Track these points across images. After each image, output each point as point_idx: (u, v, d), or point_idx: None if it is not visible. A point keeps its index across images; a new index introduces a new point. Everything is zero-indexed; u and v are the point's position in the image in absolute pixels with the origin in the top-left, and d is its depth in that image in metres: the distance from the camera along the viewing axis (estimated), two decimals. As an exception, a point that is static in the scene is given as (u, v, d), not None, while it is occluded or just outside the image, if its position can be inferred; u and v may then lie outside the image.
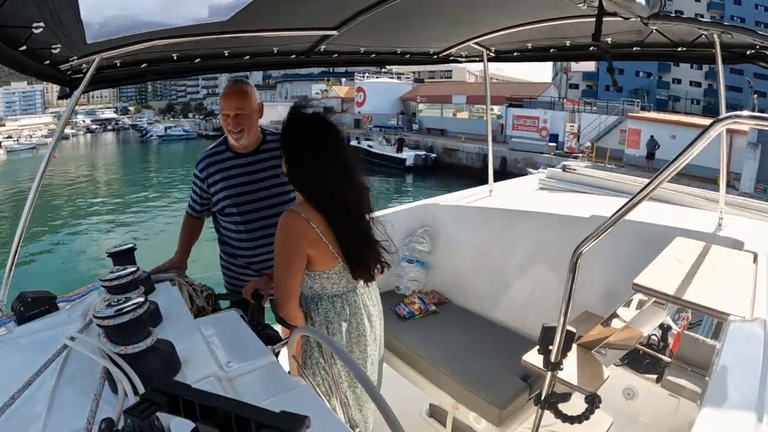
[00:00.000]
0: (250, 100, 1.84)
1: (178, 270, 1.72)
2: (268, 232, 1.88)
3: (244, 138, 1.84)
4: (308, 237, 1.37)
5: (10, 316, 1.24)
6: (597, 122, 20.91)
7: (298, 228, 1.36)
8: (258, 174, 1.88)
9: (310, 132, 1.39)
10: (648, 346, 2.27)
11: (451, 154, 23.44)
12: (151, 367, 0.88)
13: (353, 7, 1.72)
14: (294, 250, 1.38)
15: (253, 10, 1.44)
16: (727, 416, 0.84)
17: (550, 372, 1.17)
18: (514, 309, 2.29)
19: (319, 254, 1.40)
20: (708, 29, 1.76)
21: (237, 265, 1.99)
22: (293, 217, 1.37)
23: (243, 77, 2.17)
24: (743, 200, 2.57)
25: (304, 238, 1.37)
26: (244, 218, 1.89)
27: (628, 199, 1.02)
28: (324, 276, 1.44)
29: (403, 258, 2.59)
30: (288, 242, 1.38)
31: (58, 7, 1.07)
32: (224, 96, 1.81)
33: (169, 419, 0.70)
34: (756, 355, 1.00)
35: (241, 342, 1.12)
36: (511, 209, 2.52)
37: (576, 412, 1.21)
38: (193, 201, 1.97)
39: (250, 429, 0.49)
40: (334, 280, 1.45)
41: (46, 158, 1.52)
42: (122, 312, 0.83)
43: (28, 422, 0.81)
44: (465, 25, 2.20)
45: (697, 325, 2.41)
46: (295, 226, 1.37)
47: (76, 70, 1.54)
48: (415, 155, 23.08)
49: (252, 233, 1.91)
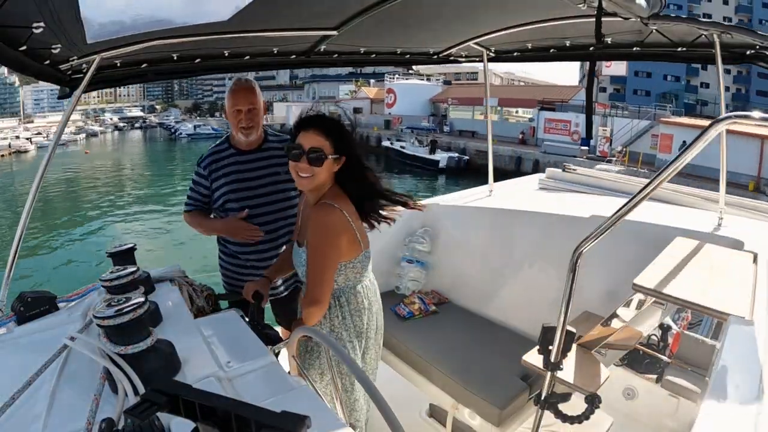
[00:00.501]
0: (259, 96, 1.88)
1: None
2: (266, 229, 1.90)
3: (253, 134, 1.88)
4: (345, 227, 1.41)
5: (10, 316, 1.24)
6: (629, 126, 20.76)
7: (337, 222, 1.40)
8: (260, 171, 1.91)
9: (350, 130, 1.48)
10: (648, 346, 2.27)
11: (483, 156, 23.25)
12: (151, 367, 0.88)
13: (353, 7, 1.72)
14: (334, 244, 1.40)
15: (253, 11, 1.44)
16: (726, 416, 0.84)
17: (549, 372, 1.17)
18: (514, 309, 2.29)
19: (348, 242, 1.44)
20: (708, 29, 1.76)
21: (236, 264, 1.99)
22: (332, 211, 1.40)
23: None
24: (743, 200, 2.57)
25: (345, 229, 1.41)
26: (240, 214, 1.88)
27: (628, 199, 1.02)
28: (350, 266, 1.47)
29: (403, 258, 2.59)
30: (328, 236, 1.40)
31: (58, 7, 1.07)
32: (234, 92, 1.84)
33: (169, 419, 0.71)
34: (756, 355, 1.00)
35: (241, 342, 1.12)
36: (511, 209, 2.52)
37: (576, 412, 1.21)
38: (192, 200, 1.96)
39: (251, 429, 0.49)
40: (358, 269, 1.49)
41: (46, 158, 1.52)
42: (122, 312, 0.83)
43: (28, 422, 0.81)
44: (465, 25, 2.20)
45: (697, 325, 2.42)
46: (334, 219, 1.40)
47: (76, 70, 1.54)
48: (448, 157, 23.09)
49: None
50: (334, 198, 1.42)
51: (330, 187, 1.45)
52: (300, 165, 1.38)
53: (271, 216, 1.92)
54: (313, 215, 1.40)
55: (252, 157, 1.91)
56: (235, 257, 1.98)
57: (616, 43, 2.15)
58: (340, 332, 1.51)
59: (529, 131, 24.81)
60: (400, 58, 2.59)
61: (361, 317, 1.54)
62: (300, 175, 1.39)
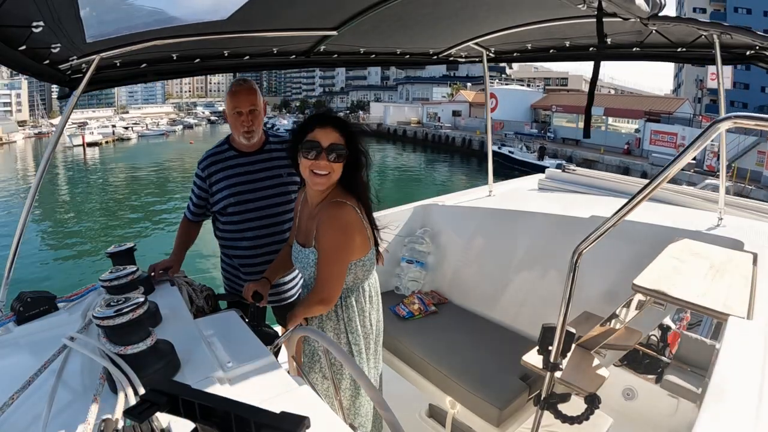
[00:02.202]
0: (259, 96, 1.85)
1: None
2: (266, 232, 1.89)
3: (255, 135, 1.85)
4: (359, 225, 1.41)
5: (10, 316, 1.24)
6: (736, 142, 19.83)
7: (353, 219, 1.39)
8: (261, 173, 1.88)
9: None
10: (648, 346, 2.28)
11: (590, 165, 23.07)
12: (151, 367, 0.88)
13: (353, 8, 1.72)
14: (350, 242, 1.40)
15: (252, 10, 1.44)
16: (726, 416, 0.84)
17: (549, 372, 1.17)
18: (514, 309, 2.29)
19: (361, 240, 1.43)
20: (708, 30, 1.76)
21: (236, 265, 1.98)
22: (347, 209, 1.39)
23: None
24: (743, 200, 2.57)
25: (360, 227, 1.41)
26: (243, 217, 1.87)
27: (628, 199, 1.02)
28: (359, 264, 1.45)
29: (403, 258, 2.59)
30: (346, 234, 1.39)
31: (58, 7, 1.06)
32: (235, 94, 1.80)
33: (169, 419, 0.70)
34: (756, 355, 1.00)
35: (241, 342, 1.12)
36: (511, 209, 2.52)
37: (576, 412, 1.21)
38: (192, 203, 1.95)
39: (250, 429, 0.49)
40: (367, 267, 1.49)
41: (46, 158, 1.51)
42: (122, 312, 0.83)
43: (28, 422, 0.81)
44: (465, 25, 2.20)
45: (696, 326, 2.42)
46: (351, 217, 1.39)
47: (75, 70, 1.54)
48: (556, 164, 22.85)
49: (252, 231, 1.89)
50: (343, 196, 1.41)
51: (334, 187, 1.43)
52: (320, 163, 1.33)
53: (275, 219, 1.90)
54: (327, 214, 1.37)
55: (254, 159, 1.89)
56: (235, 258, 1.96)
57: (616, 43, 2.15)
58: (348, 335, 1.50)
59: (634, 142, 24.75)
60: (400, 59, 2.59)
61: (369, 317, 1.53)
62: (316, 172, 1.35)
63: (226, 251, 2.00)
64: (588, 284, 1.85)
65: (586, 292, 1.84)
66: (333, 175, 1.37)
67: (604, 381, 1.29)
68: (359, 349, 1.51)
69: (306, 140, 1.35)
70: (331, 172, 1.35)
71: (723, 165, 2.20)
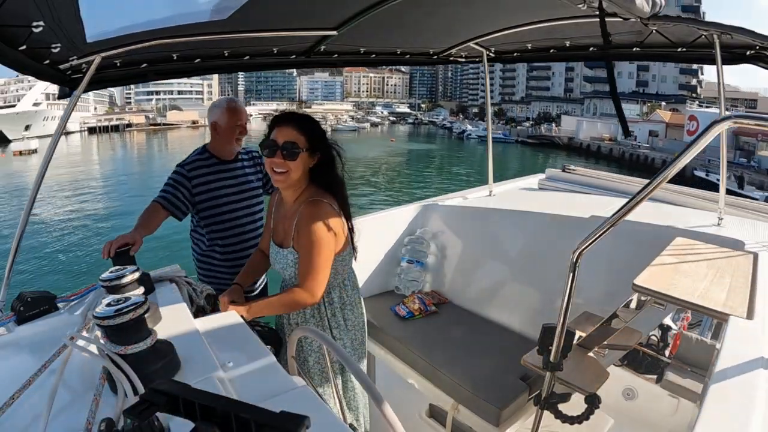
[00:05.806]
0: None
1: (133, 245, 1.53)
2: (240, 231, 2.11)
3: (240, 146, 2.14)
4: (336, 221, 1.44)
5: (10, 316, 1.24)
6: None
7: (330, 215, 1.42)
8: (239, 179, 2.13)
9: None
10: (648, 346, 2.27)
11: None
12: (151, 367, 0.88)
13: (353, 7, 1.72)
14: (331, 238, 1.42)
15: (252, 10, 1.44)
16: (726, 416, 0.84)
17: (549, 372, 1.17)
18: (514, 309, 2.29)
19: (341, 234, 1.46)
20: (708, 30, 1.76)
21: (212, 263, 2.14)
22: (324, 206, 1.42)
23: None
24: (743, 200, 2.57)
25: (337, 223, 1.44)
26: (222, 218, 2.07)
27: (628, 199, 1.02)
28: (338, 259, 1.48)
29: (403, 258, 2.59)
30: (326, 230, 1.41)
31: (58, 7, 1.06)
32: (233, 110, 2.06)
33: (169, 419, 0.70)
34: (756, 355, 1.00)
35: (241, 342, 1.12)
36: (511, 209, 2.52)
37: (576, 412, 1.21)
38: (170, 194, 1.96)
39: (250, 429, 0.49)
40: (346, 262, 1.52)
41: (45, 157, 1.52)
42: (122, 312, 0.83)
43: (28, 422, 0.81)
44: (465, 25, 2.20)
45: (696, 326, 2.41)
46: (328, 213, 1.42)
47: (75, 70, 1.54)
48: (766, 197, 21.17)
49: (228, 231, 2.09)
50: (319, 194, 1.44)
51: (308, 185, 1.46)
52: (275, 160, 1.38)
53: (243, 220, 2.13)
54: (305, 212, 1.40)
55: (231, 166, 2.12)
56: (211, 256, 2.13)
57: (616, 43, 2.15)
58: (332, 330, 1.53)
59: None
60: (400, 58, 2.59)
61: (353, 310, 1.56)
62: (275, 170, 1.39)
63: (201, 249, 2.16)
64: (588, 284, 1.85)
65: (586, 292, 1.84)
66: (292, 173, 1.40)
67: (604, 381, 1.29)
68: (344, 344, 1.53)
69: (265, 139, 1.41)
70: (289, 170, 1.39)
71: (723, 165, 2.20)
